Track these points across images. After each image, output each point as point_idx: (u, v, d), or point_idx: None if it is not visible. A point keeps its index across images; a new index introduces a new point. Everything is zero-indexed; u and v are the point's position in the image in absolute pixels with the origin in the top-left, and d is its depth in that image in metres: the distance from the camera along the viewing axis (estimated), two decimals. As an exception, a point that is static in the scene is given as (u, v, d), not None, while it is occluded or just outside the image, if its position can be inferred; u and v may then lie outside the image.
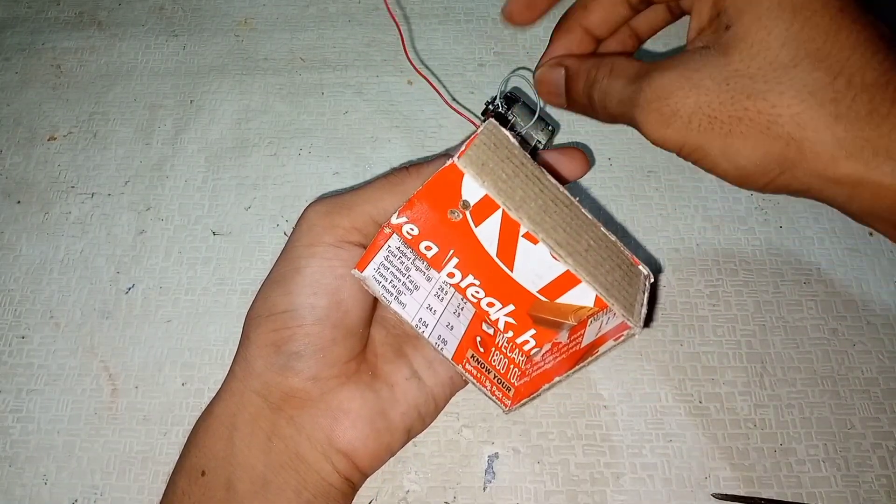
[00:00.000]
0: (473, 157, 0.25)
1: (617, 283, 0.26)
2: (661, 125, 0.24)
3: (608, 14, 0.28)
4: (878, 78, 0.21)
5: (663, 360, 0.36)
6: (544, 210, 0.25)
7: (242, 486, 0.27)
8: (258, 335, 0.28)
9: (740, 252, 0.39)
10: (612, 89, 0.26)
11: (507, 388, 0.29)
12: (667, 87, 0.24)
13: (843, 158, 0.22)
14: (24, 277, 0.39)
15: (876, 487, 0.33)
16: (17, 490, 0.33)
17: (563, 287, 0.27)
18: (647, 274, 0.27)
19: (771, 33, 0.22)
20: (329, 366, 0.28)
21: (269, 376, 0.28)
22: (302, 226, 0.29)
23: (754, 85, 0.22)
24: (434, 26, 0.47)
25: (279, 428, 0.27)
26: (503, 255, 0.28)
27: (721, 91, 0.23)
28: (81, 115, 0.44)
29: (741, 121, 0.22)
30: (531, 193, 0.25)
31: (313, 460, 0.27)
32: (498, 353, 0.30)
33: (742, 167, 0.23)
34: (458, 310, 0.30)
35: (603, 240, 0.27)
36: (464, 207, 0.26)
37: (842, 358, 0.36)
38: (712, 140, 0.23)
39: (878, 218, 0.23)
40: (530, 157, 0.27)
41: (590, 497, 0.33)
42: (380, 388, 0.29)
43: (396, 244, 0.29)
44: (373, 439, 0.28)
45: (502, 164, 0.25)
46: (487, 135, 0.26)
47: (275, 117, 0.44)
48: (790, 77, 0.22)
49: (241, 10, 0.48)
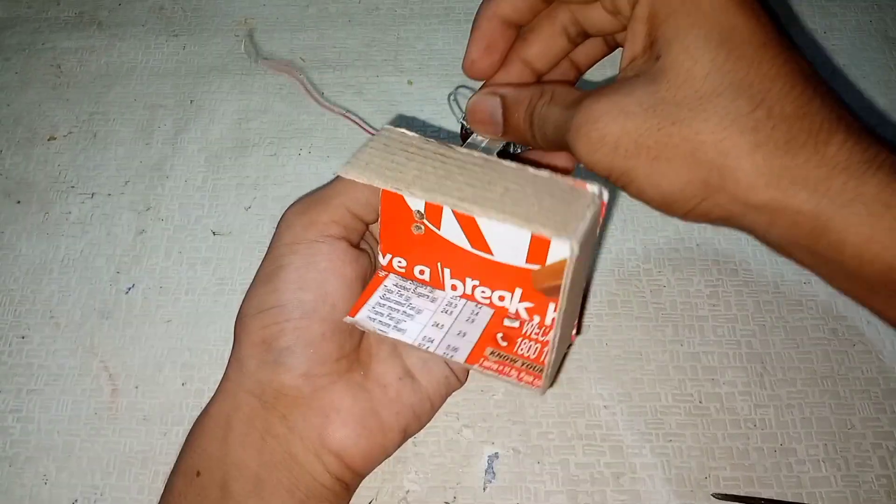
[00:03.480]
0: (355, 162, 0.26)
1: (546, 210, 0.24)
2: (591, 150, 0.24)
3: (547, 47, 0.29)
4: (797, 110, 0.22)
5: (663, 360, 0.36)
6: (446, 177, 0.25)
7: (237, 485, 0.27)
8: (248, 334, 0.28)
9: (740, 252, 0.39)
10: (551, 115, 0.26)
11: (540, 371, 0.29)
12: (595, 113, 0.24)
13: (763, 186, 0.22)
14: (24, 277, 0.39)
15: (876, 487, 0.33)
16: (17, 490, 0.33)
17: (542, 246, 0.27)
18: (598, 191, 0.25)
19: (697, 63, 0.23)
20: (320, 362, 0.28)
21: (262, 374, 0.28)
22: (281, 226, 0.29)
23: (679, 112, 0.23)
24: (434, 26, 0.47)
25: (272, 427, 0.27)
26: (476, 243, 0.28)
27: (648, 117, 0.23)
28: (81, 115, 0.44)
29: (666, 146, 0.23)
30: (428, 169, 0.26)
31: (305, 460, 0.27)
32: (526, 342, 0.30)
33: (666, 193, 0.24)
34: (472, 316, 0.30)
35: (529, 179, 0.26)
36: (419, 217, 0.27)
37: (842, 358, 0.36)
38: (638, 165, 0.24)
39: (796, 245, 0.23)
40: (434, 142, 0.27)
41: (590, 497, 0.33)
42: (372, 387, 0.29)
43: (394, 282, 0.30)
44: (365, 439, 0.28)
45: (392, 156, 0.26)
46: (377, 139, 0.27)
47: (275, 117, 0.44)
48: (714, 105, 0.22)
49: (241, 10, 0.48)
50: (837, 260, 0.23)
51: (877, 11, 0.47)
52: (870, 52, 0.45)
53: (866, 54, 0.45)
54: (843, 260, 0.22)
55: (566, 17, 0.28)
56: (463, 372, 0.32)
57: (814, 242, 0.23)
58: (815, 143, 0.22)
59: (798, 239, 0.23)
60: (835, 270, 0.24)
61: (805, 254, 0.24)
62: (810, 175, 0.22)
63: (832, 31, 0.46)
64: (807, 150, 0.22)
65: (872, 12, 0.47)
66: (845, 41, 0.46)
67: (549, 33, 0.29)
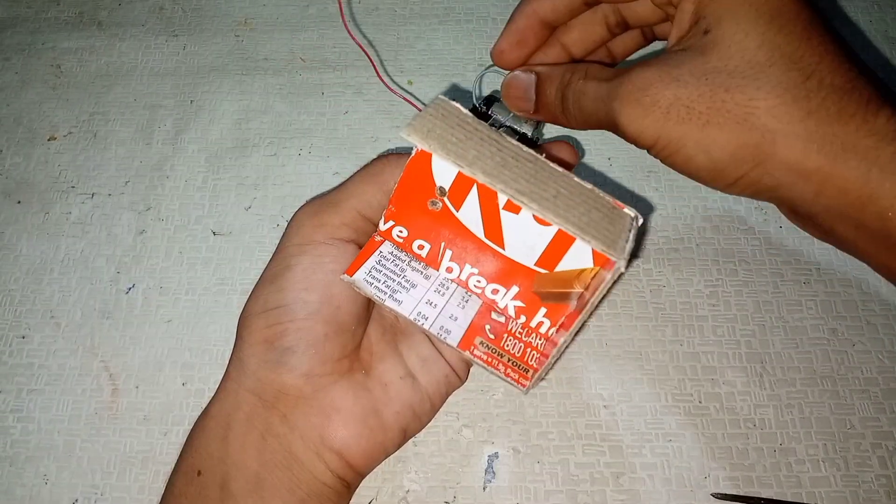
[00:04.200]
0: (418, 126, 0.25)
1: (594, 223, 0.25)
2: (640, 115, 0.25)
3: (587, 34, 0.30)
4: (846, 83, 0.23)
5: (663, 360, 0.36)
6: (503, 165, 0.25)
7: (237, 485, 0.27)
8: (251, 333, 0.28)
9: (740, 252, 0.39)
10: (588, 88, 0.27)
11: (525, 370, 0.29)
12: (647, 80, 0.25)
13: (815, 152, 0.23)
14: (24, 277, 0.39)
15: (876, 487, 0.33)
16: (18, 490, 0.33)
17: (558, 252, 0.27)
18: (635, 215, 0.26)
19: (748, 36, 0.24)
20: (322, 362, 0.28)
21: (263, 374, 0.28)
22: (291, 227, 0.29)
23: (732, 80, 0.23)
24: (434, 26, 0.47)
25: (273, 426, 0.27)
26: (491, 234, 0.28)
27: (700, 84, 0.24)
28: (81, 115, 0.44)
29: (719, 112, 0.24)
30: (486, 152, 0.25)
31: (306, 459, 0.27)
32: (511, 339, 0.30)
33: (717, 159, 0.24)
34: (462, 302, 0.30)
35: (576, 188, 0.26)
36: (441, 194, 0.27)
37: (842, 358, 0.36)
38: (689, 131, 0.24)
39: (841, 217, 0.24)
40: (486, 125, 0.27)
41: (590, 497, 0.33)
42: (373, 386, 0.29)
43: (389, 249, 0.29)
44: (366, 438, 0.28)
45: (452, 130, 0.25)
46: (435, 107, 0.26)
47: (275, 117, 0.44)
48: (766, 75, 0.23)
49: (241, 9, 0.48)
50: (883, 231, 0.23)
51: (877, 11, 0.47)
52: (870, 52, 0.45)
53: (866, 54, 0.45)
54: (889, 230, 0.23)
55: (608, 8, 0.29)
56: (462, 370, 0.32)
57: (860, 212, 0.23)
58: (864, 113, 0.23)
59: (845, 208, 0.23)
60: (879, 244, 0.24)
61: (849, 227, 0.24)
62: (860, 143, 0.22)
63: (832, 30, 0.46)
64: (856, 120, 0.23)
65: (872, 12, 0.47)
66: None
67: (589, 21, 0.30)
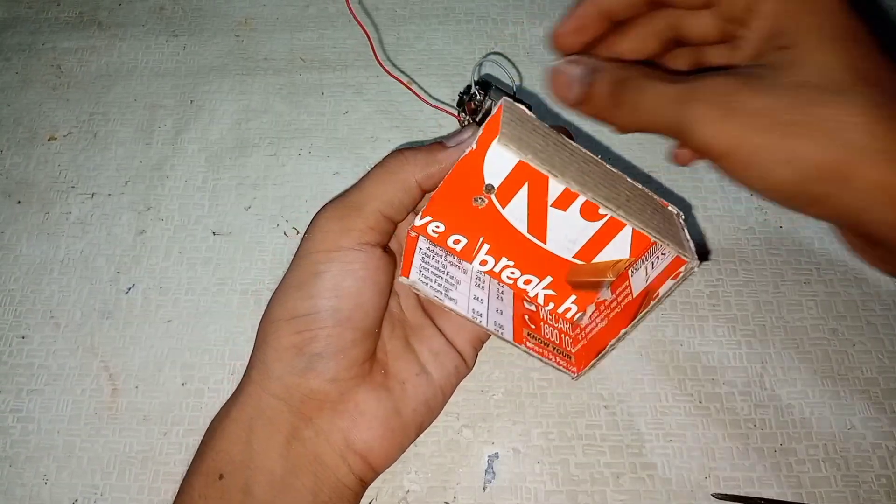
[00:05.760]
0: (509, 134, 0.25)
1: (661, 226, 0.26)
2: (719, 119, 0.24)
3: (639, 45, 0.29)
4: None
5: (663, 360, 0.36)
6: (583, 172, 0.26)
7: (260, 489, 0.27)
8: (277, 338, 0.28)
9: (740, 252, 0.39)
10: (650, 86, 0.26)
11: (567, 357, 0.30)
12: (732, 85, 0.24)
13: None
14: (24, 277, 0.39)
15: (876, 487, 0.33)
16: (18, 490, 0.33)
17: (598, 245, 0.28)
18: (678, 212, 0.28)
19: (831, 56, 0.24)
20: (348, 367, 0.28)
21: (289, 379, 0.28)
22: (316, 233, 0.29)
23: (821, 95, 0.23)
24: (434, 26, 0.47)
25: (298, 431, 0.28)
26: (534, 229, 0.28)
27: (789, 95, 0.24)
28: (81, 115, 0.44)
29: (808, 124, 0.23)
30: (566, 159, 0.26)
31: (331, 462, 0.28)
32: (547, 326, 0.31)
33: (801, 170, 0.24)
34: (499, 294, 0.30)
35: (634, 190, 0.27)
36: (488, 192, 0.27)
37: (842, 358, 0.36)
38: (772, 141, 0.23)
39: None
40: (548, 126, 0.27)
41: (590, 497, 0.33)
42: (393, 386, 0.29)
43: (426, 245, 0.29)
44: (387, 439, 0.29)
45: (532, 136, 0.25)
46: (510, 112, 0.26)
47: (275, 117, 0.44)
48: (853, 93, 0.23)
49: (241, 10, 0.48)
50: None
51: (877, 11, 0.47)
52: None
53: None
54: None
55: (663, 22, 0.29)
56: (471, 357, 0.32)
57: None
58: None
59: None
60: None
61: None
62: None
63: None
64: None
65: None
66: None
67: (644, 33, 0.29)
